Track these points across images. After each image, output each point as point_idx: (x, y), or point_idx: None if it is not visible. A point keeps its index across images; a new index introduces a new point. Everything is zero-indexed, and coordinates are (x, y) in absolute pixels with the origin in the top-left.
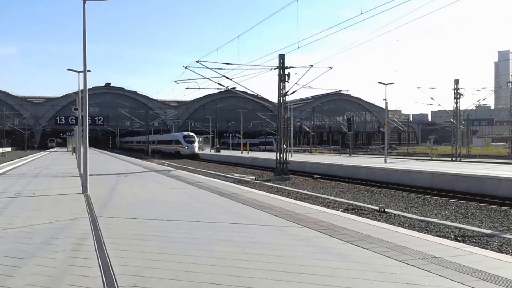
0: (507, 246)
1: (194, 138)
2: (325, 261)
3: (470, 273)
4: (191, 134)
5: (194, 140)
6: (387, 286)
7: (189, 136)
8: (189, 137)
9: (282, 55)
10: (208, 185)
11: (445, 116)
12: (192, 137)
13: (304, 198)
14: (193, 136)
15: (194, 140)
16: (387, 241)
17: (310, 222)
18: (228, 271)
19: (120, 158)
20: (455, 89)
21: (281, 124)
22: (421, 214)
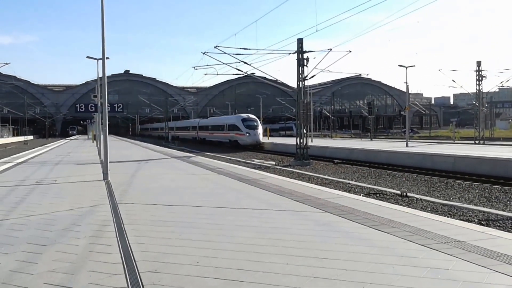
0: None
1: (257, 122)
2: (346, 246)
3: (494, 257)
4: (252, 117)
5: (257, 124)
6: (409, 270)
7: (249, 119)
8: (250, 120)
9: (300, 39)
10: (228, 171)
11: (467, 98)
12: (254, 120)
13: (325, 183)
14: (254, 120)
15: (257, 124)
16: (409, 225)
17: (331, 207)
18: (249, 256)
19: (140, 145)
20: (477, 71)
21: (301, 109)
22: (443, 198)
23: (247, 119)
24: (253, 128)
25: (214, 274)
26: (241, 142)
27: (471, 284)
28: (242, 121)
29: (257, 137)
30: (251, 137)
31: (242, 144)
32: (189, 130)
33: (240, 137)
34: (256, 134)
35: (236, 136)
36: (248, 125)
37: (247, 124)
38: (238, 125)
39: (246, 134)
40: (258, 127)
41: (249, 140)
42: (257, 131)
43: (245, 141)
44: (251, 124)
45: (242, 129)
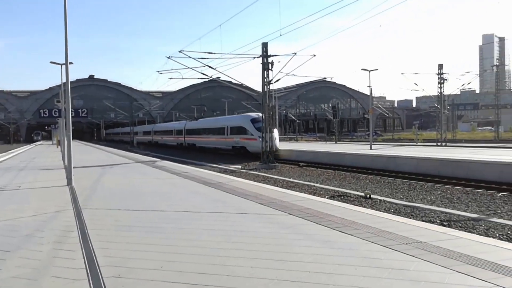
0: (494, 230)
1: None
2: (310, 248)
3: (455, 257)
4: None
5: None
6: (371, 271)
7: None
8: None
9: (265, 43)
10: (194, 175)
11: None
12: None
13: (290, 186)
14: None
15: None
16: (372, 226)
17: (295, 209)
18: (213, 260)
19: (105, 150)
20: (439, 74)
21: (266, 113)
22: (406, 199)
23: (258, 120)
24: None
25: (178, 278)
26: (251, 149)
27: (432, 284)
28: (251, 122)
29: (274, 143)
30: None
31: (253, 152)
32: (173, 135)
33: (251, 142)
34: (272, 139)
35: (244, 142)
36: (260, 127)
37: (258, 125)
38: (246, 127)
39: (259, 139)
40: (274, 130)
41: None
42: (272, 135)
43: (257, 148)
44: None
45: (253, 133)
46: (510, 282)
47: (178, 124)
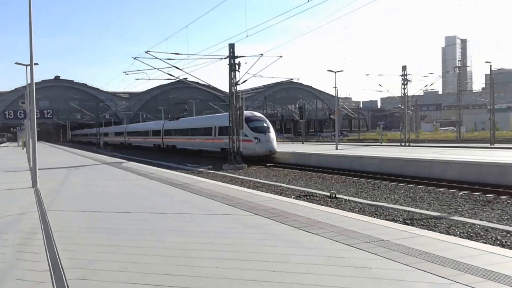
0: (455, 228)
1: (267, 122)
2: (275, 248)
3: (416, 255)
4: (259, 115)
5: (268, 126)
6: (335, 270)
7: (256, 118)
8: (257, 120)
9: (232, 44)
10: (160, 176)
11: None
12: (263, 120)
13: (257, 187)
14: (263, 119)
15: (268, 126)
16: (336, 226)
17: (261, 209)
18: (178, 261)
19: (72, 152)
20: (403, 75)
21: (233, 114)
22: (371, 198)
23: (252, 119)
24: (264, 131)
25: (142, 279)
26: (246, 152)
27: (393, 281)
28: (246, 121)
29: (271, 145)
30: (262, 144)
31: (247, 155)
32: (149, 136)
33: (245, 144)
34: (269, 140)
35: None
36: (256, 127)
37: (253, 125)
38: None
39: (255, 140)
40: (270, 130)
41: (260, 150)
42: (269, 136)
43: (253, 151)
44: (260, 126)
45: (248, 133)
46: (469, 279)
47: (155, 124)
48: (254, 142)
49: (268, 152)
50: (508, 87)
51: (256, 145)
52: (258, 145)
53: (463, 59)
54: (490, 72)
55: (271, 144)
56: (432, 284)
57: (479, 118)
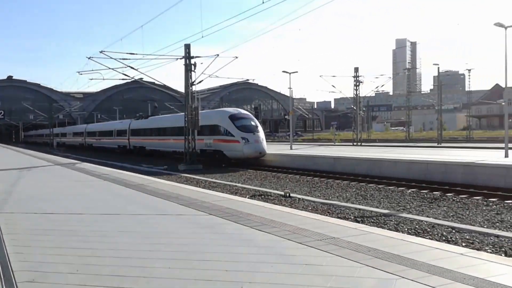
0: (403, 225)
1: (255, 120)
2: (228, 247)
3: (365, 251)
4: (245, 113)
5: (256, 125)
6: (286, 268)
7: (242, 116)
8: (244, 117)
9: (188, 44)
10: (114, 177)
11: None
12: (250, 118)
13: (213, 186)
14: (250, 117)
15: (257, 124)
16: (289, 224)
17: (215, 209)
18: (131, 262)
19: (24, 153)
20: (355, 77)
21: (189, 114)
22: (324, 197)
23: (239, 116)
24: (252, 130)
25: (94, 281)
26: (231, 153)
27: (342, 278)
28: (230, 118)
29: (261, 146)
30: (250, 145)
31: (233, 158)
32: (113, 136)
33: (230, 145)
34: (258, 141)
35: (220, 144)
36: (243, 126)
37: (240, 124)
38: (223, 125)
39: (242, 141)
40: (259, 129)
41: (248, 151)
42: (259, 136)
43: (240, 153)
44: (248, 124)
45: (234, 133)
46: (415, 274)
47: (120, 124)
48: (242, 143)
49: (258, 154)
50: (455, 89)
51: (244, 146)
52: (246, 146)
53: (412, 61)
54: (437, 74)
55: (261, 145)
56: (379, 280)
57: (427, 118)
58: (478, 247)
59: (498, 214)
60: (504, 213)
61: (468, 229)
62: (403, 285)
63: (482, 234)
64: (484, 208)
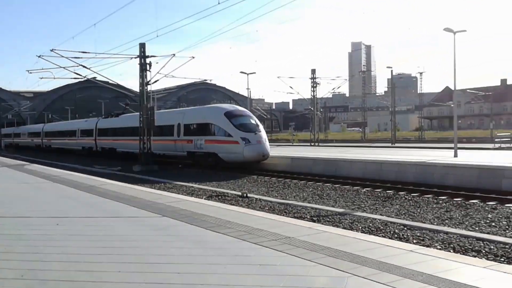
0: (357, 223)
1: (254, 118)
2: (182, 249)
3: (318, 250)
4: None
5: (256, 123)
6: (241, 269)
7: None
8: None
9: (142, 43)
10: (64, 179)
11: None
12: (248, 115)
13: (168, 188)
14: (249, 115)
15: (257, 123)
16: (245, 225)
17: (170, 211)
18: (79, 267)
19: None
20: (312, 78)
21: (144, 114)
22: (281, 197)
23: (236, 113)
24: (253, 129)
25: (40, 287)
26: (228, 156)
27: (295, 277)
28: (227, 116)
29: (264, 147)
30: (252, 147)
31: (230, 162)
32: (76, 136)
33: (227, 146)
34: (261, 141)
35: (214, 146)
36: (243, 124)
37: (238, 122)
38: (218, 123)
39: (242, 142)
40: (261, 128)
41: (249, 154)
42: (261, 135)
43: (240, 156)
44: (247, 123)
45: (232, 132)
46: (366, 271)
47: (85, 123)
48: (242, 144)
49: (261, 157)
50: (407, 91)
51: (244, 148)
52: (248, 148)
53: (367, 64)
54: (391, 76)
55: (264, 146)
56: (331, 278)
57: (382, 120)
58: (428, 244)
59: (447, 212)
60: (453, 210)
61: (419, 226)
62: (354, 283)
63: (432, 231)
64: (435, 206)
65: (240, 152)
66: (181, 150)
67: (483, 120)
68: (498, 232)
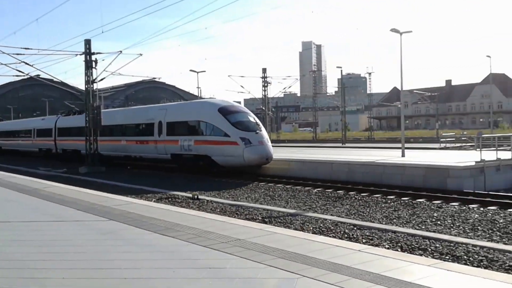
0: (308, 224)
1: (252, 115)
2: (129, 254)
3: (269, 252)
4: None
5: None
6: (189, 272)
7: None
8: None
9: (88, 40)
10: (6, 181)
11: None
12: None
13: (117, 190)
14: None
15: (258, 122)
16: (195, 227)
17: (117, 214)
18: (21, 273)
19: None
20: (263, 78)
21: (90, 113)
22: (232, 198)
23: (232, 109)
24: (254, 128)
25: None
26: (226, 160)
27: (245, 280)
28: (221, 112)
29: (267, 149)
30: (254, 149)
31: (227, 165)
32: (32, 137)
33: (224, 149)
34: (264, 142)
35: (209, 148)
36: (241, 122)
37: (236, 119)
38: (212, 122)
39: (242, 142)
40: (261, 127)
41: (251, 156)
42: (262, 135)
43: (239, 159)
44: (246, 120)
45: (229, 132)
46: (315, 272)
47: (43, 121)
48: (242, 146)
49: (264, 160)
50: (357, 91)
51: (245, 149)
52: (248, 150)
53: (318, 64)
54: (341, 76)
55: (268, 148)
56: (281, 280)
57: (333, 120)
58: (377, 243)
59: (395, 211)
60: (400, 209)
61: (368, 226)
62: (304, 284)
63: (381, 231)
64: (383, 206)
65: (239, 155)
66: (163, 152)
67: (430, 120)
68: (443, 231)
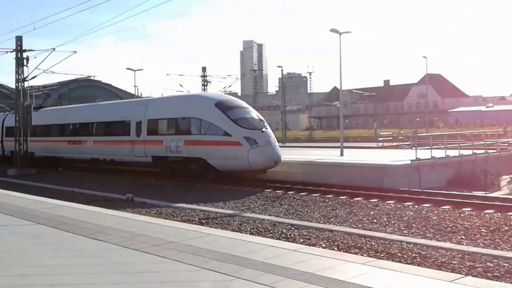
0: (246, 225)
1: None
2: (57, 259)
3: (204, 254)
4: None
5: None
6: (120, 277)
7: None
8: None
9: (19, 36)
10: None
11: None
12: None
13: (49, 193)
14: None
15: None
16: (127, 230)
17: (45, 218)
18: None
19: None
20: (203, 76)
21: (21, 112)
22: (168, 200)
23: (232, 104)
24: (258, 126)
25: None
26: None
27: (178, 283)
28: (220, 108)
29: (275, 150)
30: (261, 150)
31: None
32: None
33: (224, 150)
34: (270, 142)
35: (203, 149)
36: (244, 119)
37: (238, 116)
38: (208, 118)
39: (246, 142)
40: (266, 124)
41: (257, 159)
42: (269, 135)
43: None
44: (249, 117)
45: (230, 130)
46: (250, 273)
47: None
48: (246, 147)
49: (272, 163)
50: (298, 91)
51: (250, 151)
52: (254, 152)
53: (259, 63)
54: (281, 76)
55: (276, 149)
56: (215, 282)
57: (273, 119)
58: (314, 243)
59: (333, 210)
60: (338, 208)
61: (306, 225)
62: (238, 286)
63: (318, 230)
64: (321, 205)
65: (243, 158)
66: (142, 154)
67: (368, 120)
68: (379, 229)
